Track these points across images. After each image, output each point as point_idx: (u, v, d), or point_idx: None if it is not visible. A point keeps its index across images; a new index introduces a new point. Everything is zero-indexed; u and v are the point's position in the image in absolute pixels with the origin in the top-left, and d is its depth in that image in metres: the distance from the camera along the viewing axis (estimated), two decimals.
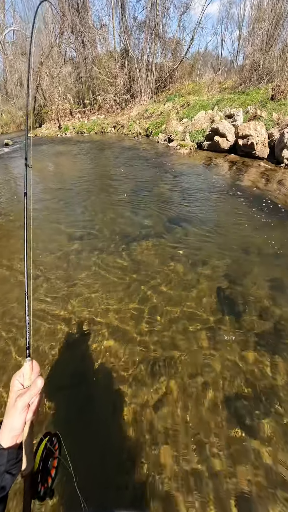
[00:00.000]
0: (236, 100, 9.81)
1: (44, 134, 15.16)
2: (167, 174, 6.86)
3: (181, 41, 16.33)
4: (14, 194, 6.03)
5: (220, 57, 18.81)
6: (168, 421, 1.63)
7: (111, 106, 15.49)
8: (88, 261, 3.27)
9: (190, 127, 9.68)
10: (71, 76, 17.33)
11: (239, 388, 1.81)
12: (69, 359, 2.07)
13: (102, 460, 1.50)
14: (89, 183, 6.59)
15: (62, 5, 16.72)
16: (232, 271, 3.01)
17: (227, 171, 7.03)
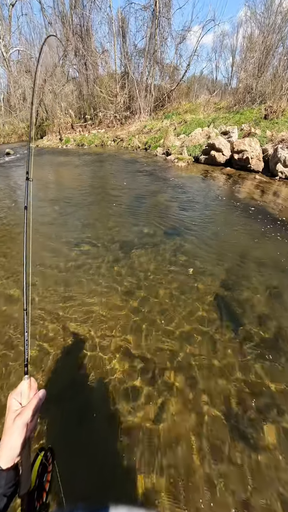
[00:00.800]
0: (231, 119, 10.46)
1: (45, 145, 15.62)
2: (165, 184, 7.06)
3: (178, 66, 17.59)
4: (13, 202, 6.04)
5: (215, 80, 20.27)
6: (167, 435, 1.59)
7: (111, 121, 16.26)
8: (87, 270, 3.24)
9: (187, 142, 10.18)
10: (73, 93, 18.24)
11: (239, 398, 1.79)
12: (65, 371, 2.01)
13: (98, 474, 1.44)
14: (89, 192, 6.68)
15: (66, 32, 18.01)
16: (229, 280, 3.02)
17: (223, 182, 7.29)
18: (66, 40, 17.26)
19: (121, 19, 17.07)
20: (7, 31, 21.63)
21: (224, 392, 1.83)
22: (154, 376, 1.93)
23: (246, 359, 2.07)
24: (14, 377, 1.91)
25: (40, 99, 18.18)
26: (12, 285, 2.94)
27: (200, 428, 1.62)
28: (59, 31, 19.14)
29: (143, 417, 1.67)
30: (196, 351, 2.14)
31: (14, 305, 2.63)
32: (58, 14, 19.39)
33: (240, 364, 2.03)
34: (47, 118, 18.07)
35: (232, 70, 17.84)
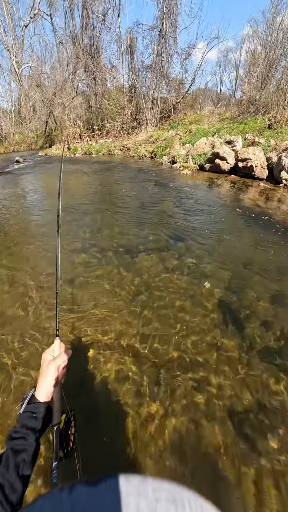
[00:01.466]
0: (235, 129, 10.83)
1: (54, 154, 16.26)
2: (170, 191, 7.23)
3: (184, 80, 18.42)
4: (21, 207, 6.28)
5: (219, 92, 21.08)
6: (172, 438, 1.61)
7: (118, 131, 16.95)
8: (93, 274, 3.33)
9: (192, 151, 10.54)
10: (82, 106, 19.16)
11: (242, 404, 1.79)
12: (73, 370, 2.07)
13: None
14: (96, 198, 6.89)
15: (76, 50, 19.20)
16: (234, 285, 3.04)
17: (228, 189, 7.43)
18: (76, 57, 18.37)
19: (129, 39, 18.14)
20: (19, 49, 23.16)
21: (231, 393, 1.84)
22: (159, 377, 1.96)
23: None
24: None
25: (50, 110, 19.14)
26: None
27: (202, 437, 1.62)
28: (70, 49, 20.42)
29: (147, 419, 1.70)
30: (201, 352, 2.17)
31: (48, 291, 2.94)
32: (69, 34, 20.76)
33: (244, 368, 2.04)
34: (56, 129, 18.93)
35: (236, 83, 18.60)
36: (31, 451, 0.55)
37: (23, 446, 0.55)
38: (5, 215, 5.59)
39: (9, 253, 3.92)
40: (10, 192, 7.89)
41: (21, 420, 0.59)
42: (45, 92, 19.69)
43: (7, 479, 0.50)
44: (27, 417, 0.60)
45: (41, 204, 6.51)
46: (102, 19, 18.47)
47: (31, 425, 0.58)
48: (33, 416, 0.60)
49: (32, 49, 24.50)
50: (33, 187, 8.55)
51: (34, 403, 0.62)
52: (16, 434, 0.57)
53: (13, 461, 0.52)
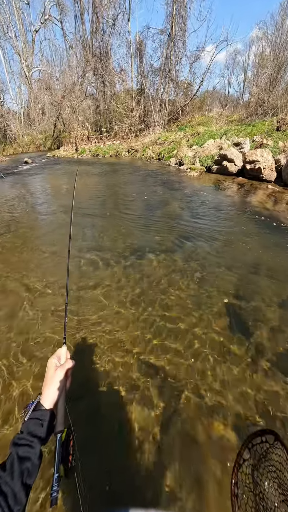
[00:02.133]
0: (243, 131, 10.94)
1: (62, 155, 16.67)
2: (177, 193, 7.32)
3: (192, 83, 18.68)
4: (29, 206, 6.52)
5: (227, 94, 21.29)
6: (175, 443, 1.61)
7: (126, 133, 17.29)
8: (98, 275, 3.36)
9: (199, 153, 10.68)
10: (90, 108, 19.64)
11: (249, 411, 1.77)
12: (78, 371, 2.11)
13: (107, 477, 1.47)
14: (103, 199, 7.02)
15: (86, 54, 19.76)
16: (241, 289, 3.00)
17: (235, 192, 7.45)
18: (85, 61, 18.90)
19: (138, 42, 18.55)
20: (30, 53, 24.00)
21: (236, 401, 1.83)
22: (164, 381, 1.97)
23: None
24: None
25: (59, 113, 19.67)
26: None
27: (206, 445, 1.61)
28: (79, 53, 21.04)
29: (151, 424, 1.71)
30: (206, 357, 2.16)
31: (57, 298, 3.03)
32: (79, 38, 21.40)
33: (250, 375, 2.01)
34: (64, 131, 19.42)
35: (244, 85, 18.78)
36: (35, 460, 0.55)
37: (28, 453, 0.54)
38: (12, 215, 5.83)
39: (17, 251, 4.07)
40: (18, 192, 8.17)
41: (27, 427, 0.58)
42: (54, 95, 20.26)
43: (11, 488, 0.48)
44: (34, 424, 0.59)
45: (47, 205, 6.71)
46: (112, 23, 18.98)
47: (37, 432, 0.58)
48: (39, 423, 0.59)
49: (42, 53, 25.39)
50: (40, 188, 8.81)
51: (40, 410, 0.62)
52: (21, 441, 0.55)
53: (18, 469, 0.50)
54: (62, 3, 21.84)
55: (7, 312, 2.75)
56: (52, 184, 9.45)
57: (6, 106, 21.65)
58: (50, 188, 8.88)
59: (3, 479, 0.49)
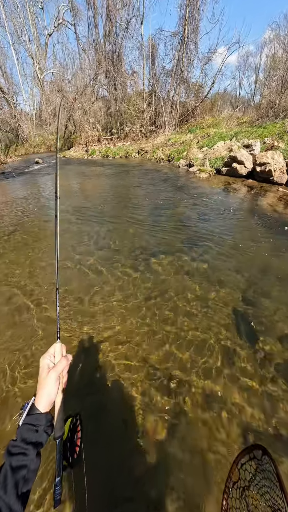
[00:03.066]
0: (254, 133, 11.13)
1: (72, 155, 17.24)
2: (186, 194, 7.46)
3: (203, 85, 19.01)
4: (37, 206, 6.88)
5: (238, 96, 21.52)
6: (180, 445, 1.65)
7: (136, 135, 17.75)
8: (107, 274, 3.45)
9: (209, 155, 10.92)
10: (101, 110, 20.23)
11: (255, 417, 1.78)
12: (84, 368, 2.18)
13: (112, 473, 1.53)
14: (112, 199, 7.27)
15: (98, 57, 20.41)
16: (250, 293, 2.99)
17: (245, 194, 7.52)
18: (97, 64, 19.54)
19: (151, 45, 19.05)
20: (42, 56, 24.98)
21: (242, 405, 1.84)
22: (169, 382, 2.02)
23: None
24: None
25: (70, 114, 20.33)
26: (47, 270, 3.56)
27: (211, 444, 1.64)
28: (92, 56, 21.73)
29: (155, 424, 1.75)
30: (213, 360, 2.19)
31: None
32: (92, 42, 22.11)
33: (258, 380, 2.02)
34: (75, 132, 20.06)
35: (255, 87, 18.99)
36: (31, 465, 0.54)
37: (23, 462, 0.53)
38: (23, 213, 6.19)
39: (28, 248, 4.31)
40: (29, 191, 8.62)
41: (20, 434, 0.57)
42: (65, 97, 20.96)
43: (5, 501, 0.48)
44: (27, 430, 0.58)
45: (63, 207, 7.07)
46: (125, 27, 19.58)
47: (32, 439, 0.56)
48: (33, 429, 0.58)
49: (55, 56, 26.38)
50: (50, 188, 9.19)
51: (34, 414, 0.60)
52: (15, 449, 0.54)
53: (12, 481, 0.50)
54: (76, 7, 22.66)
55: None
56: (61, 184, 9.81)
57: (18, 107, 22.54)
58: (60, 188, 9.27)
59: None
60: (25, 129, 21.46)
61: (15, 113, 19.07)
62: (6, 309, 2.88)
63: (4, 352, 2.34)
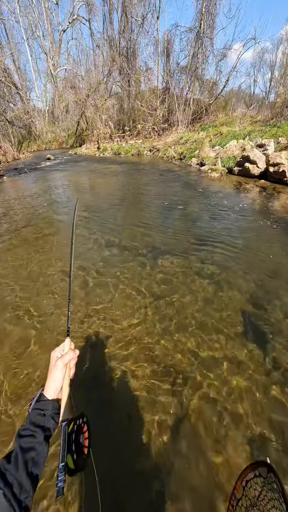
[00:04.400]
0: (268, 132, 11.21)
1: (83, 152, 17.69)
2: (197, 194, 7.56)
3: (217, 82, 19.06)
4: (47, 202, 7.20)
5: (252, 94, 21.41)
6: (184, 444, 1.69)
7: (149, 132, 18.04)
8: (115, 271, 3.55)
9: (221, 154, 11.08)
10: (114, 107, 20.61)
11: (261, 421, 1.79)
12: (90, 364, 2.27)
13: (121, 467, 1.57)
14: (123, 197, 7.48)
15: (113, 53, 20.76)
16: (259, 296, 3.00)
17: (257, 195, 7.48)
18: (111, 60, 19.89)
19: (166, 41, 19.24)
20: (56, 53, 25.53)
21: (248, 410, 1.86)
22: (174, 382, 2.07)
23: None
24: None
25: (82, 111, 20.78)
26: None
27: (217, 445, 1.67)
28: (106, 52, 22.11)
29: (160, 421, 1.80)
30: (219, 363, 2.23)
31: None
32: (106, 38, 22.48)
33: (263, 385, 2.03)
34: (87, 129, 20.52)
35: (270, 85, 18.84)
36: (40, 449, 0.58)
37: (31, 443, 0.57)
38: (35, 208, 6.55)
39: (38, 243, 4.58)
40: (40, 187, 9.06)
41: (29, 418, 0.62)
42: (78, 93, 21.41)
43: (16, 478, 0.52)
44: (36, 414, 0.63)
45: (66, 199, 7.43)
46: (140, 22, 19.82)
47: (40, 422, 0.61)
48: (41, 413, 0.63)
49: (68, 53, 26.91)
50: (60, 184, 9.55)
51: (42, 401, 0.66)
52: (25, 431, 0.59)
53: (22, 459, 0.54)
54: (91, 3, 23.02)
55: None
56: (72, 180, 10.15)
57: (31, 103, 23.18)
58: (70, 184, 9.55)
59: (8, 471, 0.53)
60: (37, 125, 22.07)
61: (28, 109, 19.66)
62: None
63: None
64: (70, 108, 23.18)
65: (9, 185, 9.92)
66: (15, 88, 19.43)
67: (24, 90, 21.06)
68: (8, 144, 18.02)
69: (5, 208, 6.68)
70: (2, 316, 2.84)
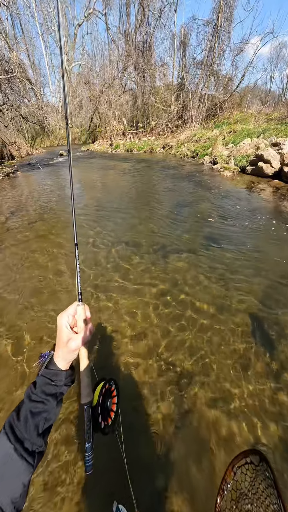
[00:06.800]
0: (283, 130, 11.16)
1: (96, 149, 18.07)
2: (209, 193, 7.61)
3: (233, 77, 18.95)
4: (59, 197, 7.57)
5: (268, 91, 21.09)
6: (188, 438, 1.74)
7: (162, 129, 18.21)
8: (125, 268, 3.63)
9: (235, 152, 11.13)
10: (128, 103, 20.84)
11: (267, 425, 1.80)
12: (98, 355, 2.36)
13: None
14: (134, 194, 7.69)
15: (128, 48, 20.93)
16: (269, 299, 2.99)
17: (270, 195, 7.42)
18: (127, 55, 20.08)
19: (183, 34, 19.26)
20: (71, 47, 25.89)
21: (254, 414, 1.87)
22: (180, 380, 2.11)
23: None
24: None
25: (96, 107, 21.13)
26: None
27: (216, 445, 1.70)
28: (121, 47, 22.31)
29: (167, 416, 1.85)
30: (226, 364, 2.25)
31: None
32: (122, 32, 22.65)
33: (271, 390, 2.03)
34: (100, 125, 20.87)
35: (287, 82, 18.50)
36: (52, 411, 0.57)
37: (43, 408, 0.56)
38: (47, 203, 6.87)
39: (49, 236, 4.82)
40: (52, 183, 9.41)
41: (39, 385, 0.58)
42: (92, 89, 21.74)
43: (27, 437, 0.52)
44: (45, 383, 0.58)
45: (77, 196, 7.63)
46: (158, 16, 19.86)
47: (51, 391, 0.58)
48: (52, 384, 0.59)
49: (83, 48, 27.21)
50: (73, 180, 9.97)
51: (53, 370, 0.60)
52: (35, 397, 0.57)
53: (32, 423, 0.54)
54: None
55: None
56: (84, 177, 10.44)
57: (45, 99, 23.70)
58: (82, 181, 9.83)
59: (18, 428, 0.53)
60: (51, 121, 22.61)
61: (42, 104, 20.15)
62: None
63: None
64: (83, 104, 23.59)
65: (23, 180, 10.39)
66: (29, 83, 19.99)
67: (38, 86, 21.55)
68: (22, 139, 18.65)
69: (19, 202, 7.09)
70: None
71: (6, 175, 10.94)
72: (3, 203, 7.10)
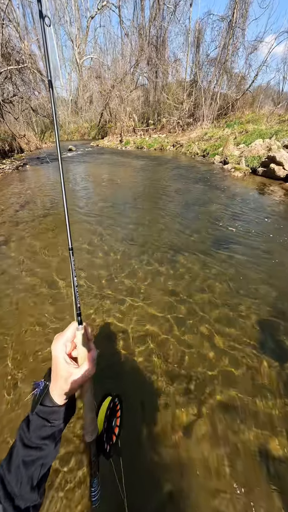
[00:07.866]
0: None
1: (105, 145, 18.08)
2: (219, 193, 7.54)
3: (246, 76, 18.74)
4: (69, 190, 7.66)
5: (281, 92, 20.79)
6: (198, 443, 1.72)
7: (173, 127, 18.11)
8: (131, 268, 3.63)
9: (246, 153, 11.06)
10: (139, 99, 20.75)
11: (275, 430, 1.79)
12: (105, 353, 2.36)
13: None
14: (143, 192, 7.66)
15: (142, 42, 20.76)
16: (280, 305, 2.96)
17: (282, 198, 7.28)
18: (140, 50, 19.94)
19: (197, 30, 19.07)
20: (83, 40, 25.76)
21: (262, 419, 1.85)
22: (189, 382, 2.10)
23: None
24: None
25: (106, 103, 21.09)
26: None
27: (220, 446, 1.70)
28: (135, 41, 22.13)
29: (174, 424, 1.82)
30: (235, 368, 2.22)
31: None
32: (136, 26, 22.46)
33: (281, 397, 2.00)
34: (110, 121, 20.84)
35: None
36: (49, 456, 0.50)
37: (38, 456, 0.48)
38: (55, 200, 6.89)
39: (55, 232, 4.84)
40: (59, 179, 9.48)
41: (34, 428, 0.50)
42: (103, 84, 21.67)
43: (18, 494, 0.45)
44: (41, 425, 0.50)
45: (85, 193, 7.72)
46: (173, 10, 19.65)
47: (48, 433, 0.50)
48: (48, 425, 0.51)
49: (95, 41, 27.08)
50: (81, 176, 9.85)
51: (49, 408, 0.52)
52: (29, 442, 0.49)
53: (26, 476, 0.47)
54: None
55: None
56: (94, 173, 10.45)
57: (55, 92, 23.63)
58: (91, 177, 9.85)
59: (9, 483, 0.46)
60: (60, 115, 22.68)
61: None
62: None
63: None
64: (94, 98, 23.54)
65: (32, 173, 10.46)
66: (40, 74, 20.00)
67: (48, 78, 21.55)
68: (31, 133, 18.74)
69: (29, 196, 7.19)
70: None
71: (15, 168, 11.04)
72: (12, 196, 7.22)
